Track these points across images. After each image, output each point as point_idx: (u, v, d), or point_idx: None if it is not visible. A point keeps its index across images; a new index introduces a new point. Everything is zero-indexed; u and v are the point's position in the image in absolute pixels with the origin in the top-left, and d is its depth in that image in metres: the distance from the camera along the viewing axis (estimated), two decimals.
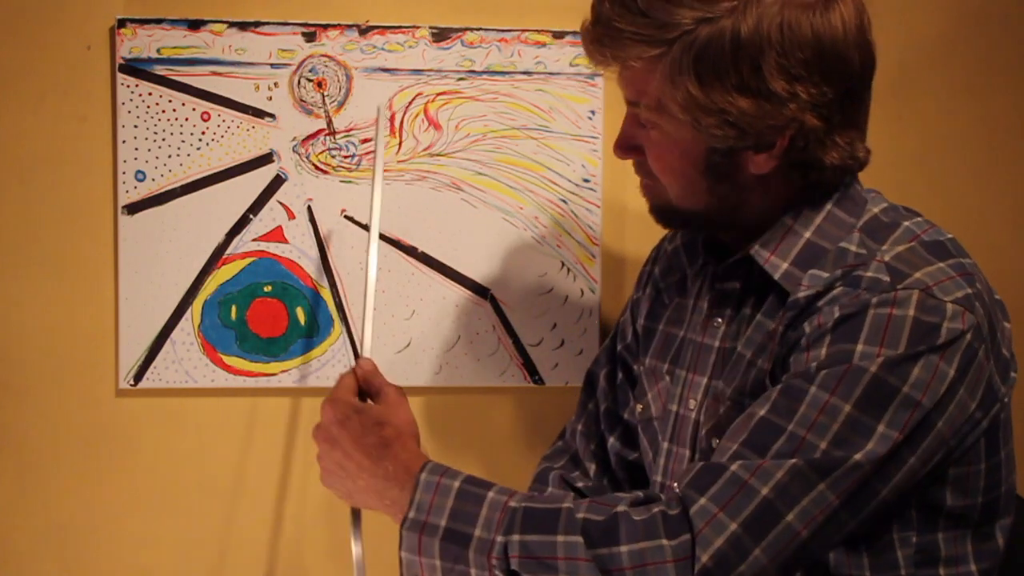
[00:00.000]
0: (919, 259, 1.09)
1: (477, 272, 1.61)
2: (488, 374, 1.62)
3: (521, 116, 1.60)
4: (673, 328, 1.30)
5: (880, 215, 1.16)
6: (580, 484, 1.41)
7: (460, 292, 1.61)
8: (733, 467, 1.04)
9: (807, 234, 1.15)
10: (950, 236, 1.15)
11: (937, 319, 1.05)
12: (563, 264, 1.62)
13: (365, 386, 1.22)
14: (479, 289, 1.61)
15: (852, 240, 1.14)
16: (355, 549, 1.23)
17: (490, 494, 1.09)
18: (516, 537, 1.05)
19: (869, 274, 1.09)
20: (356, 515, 1.23)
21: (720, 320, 1.22)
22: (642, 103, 1.13)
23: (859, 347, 1.05)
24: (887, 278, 1.08)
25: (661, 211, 1.22)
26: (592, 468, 1.42)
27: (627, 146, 1.19)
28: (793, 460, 1.03)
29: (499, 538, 1.06)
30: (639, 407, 1.33)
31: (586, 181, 1.62)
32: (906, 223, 1.15)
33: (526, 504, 1.08)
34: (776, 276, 1.15)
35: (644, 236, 1.65)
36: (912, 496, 1.11)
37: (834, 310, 1.08)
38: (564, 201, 1.62)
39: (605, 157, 1.62)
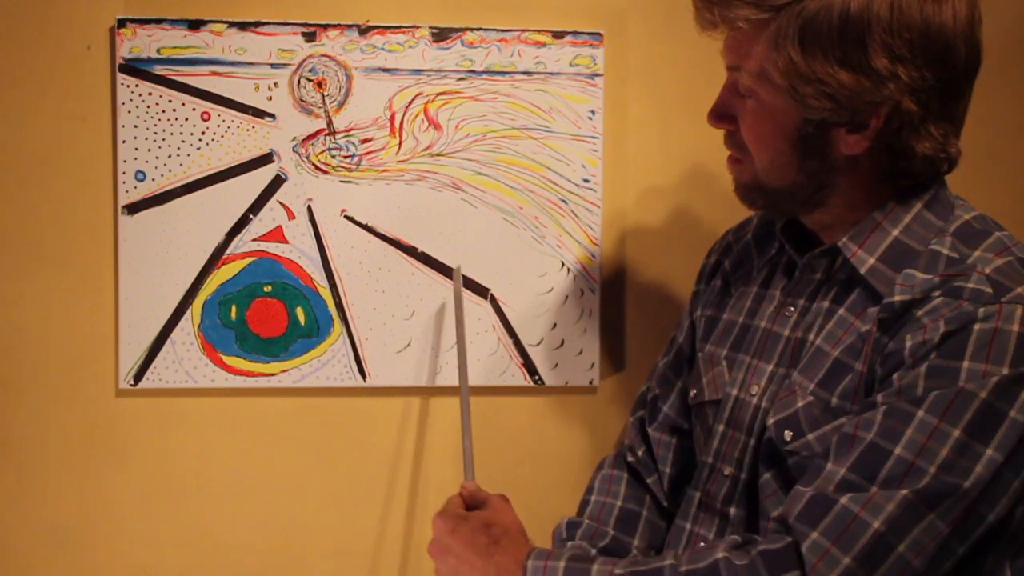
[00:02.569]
0: (1018, 274, 1.10)
1: (477, 272, 1.61)
2: (488, 374, 1.62)
3: (521, 116, 1.60)
4: (736, 315, 1.31)
5: (972, 222, 1.17)
6: (630, 459, 1.44)
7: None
8: (843, 500, 1.06)
9: (895, 232, 1.16)
10: None
11: None
12: (563, 264, 1.62)
13: (471, 501, 1.31)
14: (479, 289, 1.61)
15: (944, 243, 1.14)
16: None
17: (595, 567, 1.15)
18: None
19: (971, 285, 1.09)
20: None
21: (792, 309, 1.23)
22: (743, 68, 1.15)
23: (965, 363, 1.05)
24: (990, 290, 1.08)
25: (746, 188, 1.22)
26: (641, 450, 1.43)
27: (722, 114, 1.21)
28: (904, 492, 1.04)
29: None
30: (692, 391, 1.34)
31: (586, 181, 1.62)
32: (997, 233, 1.16)
33: (631, 569, 1.13)
34: (862, 270, 1.16)
35: (644, 236, 1.65)
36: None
37: (939, 325, 1.07)
38: (564, 201, 1.61)
39: (605, 157, 1.62)
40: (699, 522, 1.28)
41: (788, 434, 1.18)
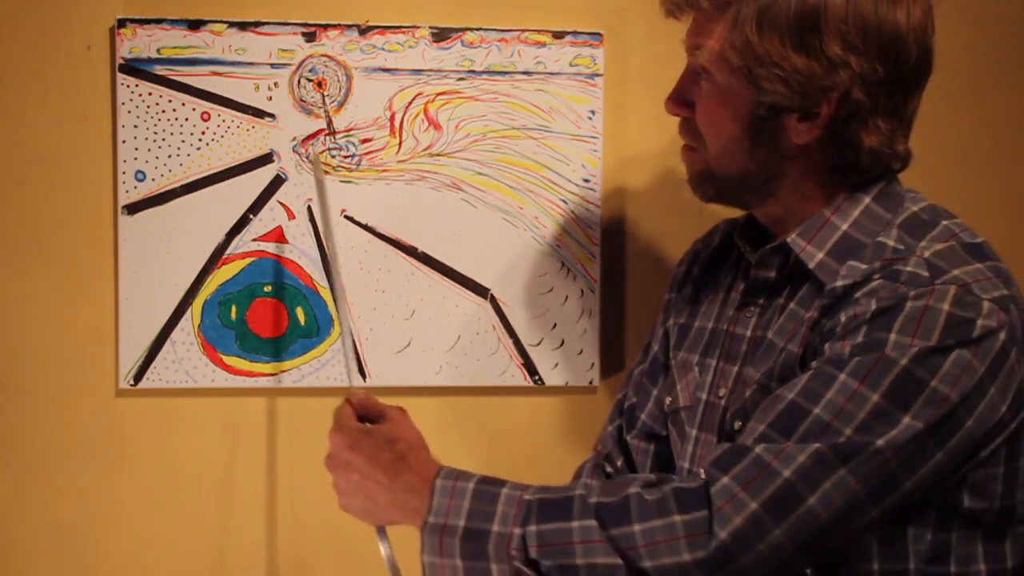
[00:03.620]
0: (958, 258, 1.11)
1: (477, 272, 1.61)
2: (488, 374, 1.62)
3: (521, 116, 1.60)
4: (706, 322, 1.32)
5: (920, 213, 1.18)
6: (609, 470, 1.43)
7: (460, 292, 1.61)
8: (757, 449, 1.07)
9: (844, 227, 1.18)
10: (984, 239, 1.17)
11: (972, 314, 1.07)
12: (563, 264, 1.62)
13: (364, 412, 1.25)
14: (479, 289, 1.61)
15: (890, 235, 1.16)
16: (384, 551, 1.26)
17: (504, 490, 1.12)
18: (533, 528, 1.09)
19: (908, 268, 1.11)
20: (381, 530, 1.25)
21: (753, 309, 1.25)
22: (703, 47, 1.17)
23: (892, 336, 1.07)
24: (926, 273, 1.10)
25: (699, 178, 1.24)
26: (620, 460, 1.43)
27: (680, 100, 1.23)
28: (816, 444, 1.05)
29: (516, 530, 1.09)
30: (668, 399, 1.35)
31: (586, 181, 1.62)
32: (945, 222, 1.17)
33: (540, 496, 1.11)
34: (811, 265, 1.18)
35: (644, 236, 1.65)
36: (935, 494, 1.12)
37: (871, 301, 1.10)
38: (564, 201, 1.62)
39: (605, 157, 1.62)
40: None
41: (737, 424, 1.20)
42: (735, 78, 1.15)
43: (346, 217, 1.58)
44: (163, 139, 1.54)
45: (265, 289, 1.57)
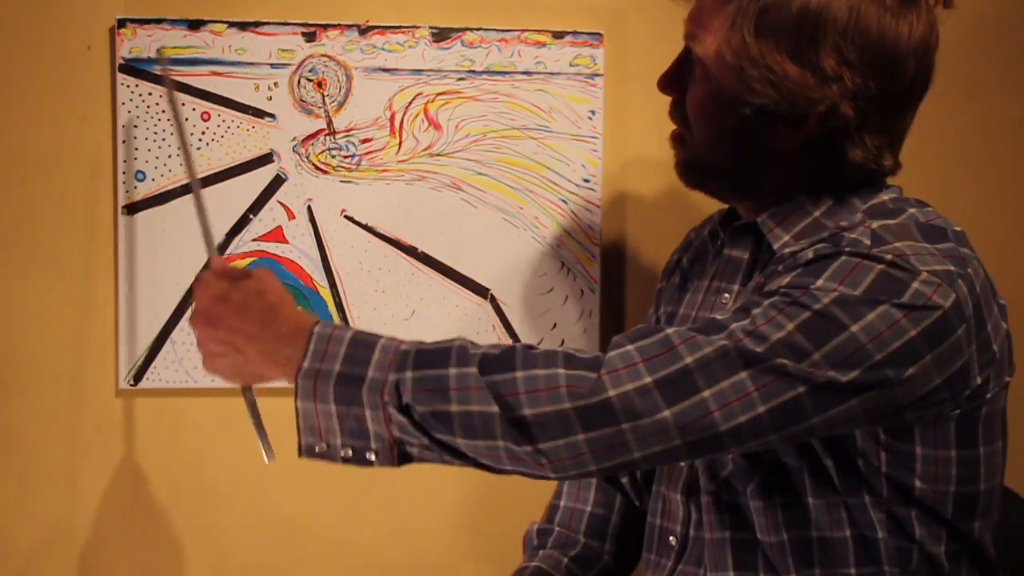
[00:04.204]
0: (906, 234, 1.11)
1: (477, 272, 1.61)
2: None
3: (521, 116, 1.60)
4: (690, 310, 1.32)
5: (888, 202, 1.17)
6: None
7: (460, 292, 1.61)
8: (669, 331, 1.07)
9: (817, 213, 1.18)
10: (958, 228, 1.15)
11: (905, 277, 1.06)
12: (563, 264, 1.62)
13: (226, 275, 1.17)
14: (479, 289, 1.61)
15: (854, 220, 1.15)
16: (254, 422, 1.23)
17: (382, 340, 1.09)
18: (408, 374, 1.06)
19: (852, 235, 1.11)
20: (248, 391, 1.22)
21: (728, 295, 1.25)
22: (699, 39, 1.17)
23: (819, 281, 1.07)
24: (868, 241, 1.09)
25: (686, 165, 1.24)
26: None
27: (671, 81, 1.23)
28: (724, 342, 1.04)
29: (391, 376, 1.06)
30: None
31: (586, 181, 1.62)
32: (911, 210, 1.16)
33: (418, 346, 1.09)
34: (776, 246, 1.18)
35: (644, 236, 1.65)
36: (883, 463, 1.12)
37: (808, 252, 1.11)
38: (564, 201, 1.62)
39: (605, 157, 1.62)
40: (666, 516, 1.28)
41: None
42: (727, 74, 1.15)
43: (346, 217, 1.58)
44: (163, 139, 1.54)
45: None
